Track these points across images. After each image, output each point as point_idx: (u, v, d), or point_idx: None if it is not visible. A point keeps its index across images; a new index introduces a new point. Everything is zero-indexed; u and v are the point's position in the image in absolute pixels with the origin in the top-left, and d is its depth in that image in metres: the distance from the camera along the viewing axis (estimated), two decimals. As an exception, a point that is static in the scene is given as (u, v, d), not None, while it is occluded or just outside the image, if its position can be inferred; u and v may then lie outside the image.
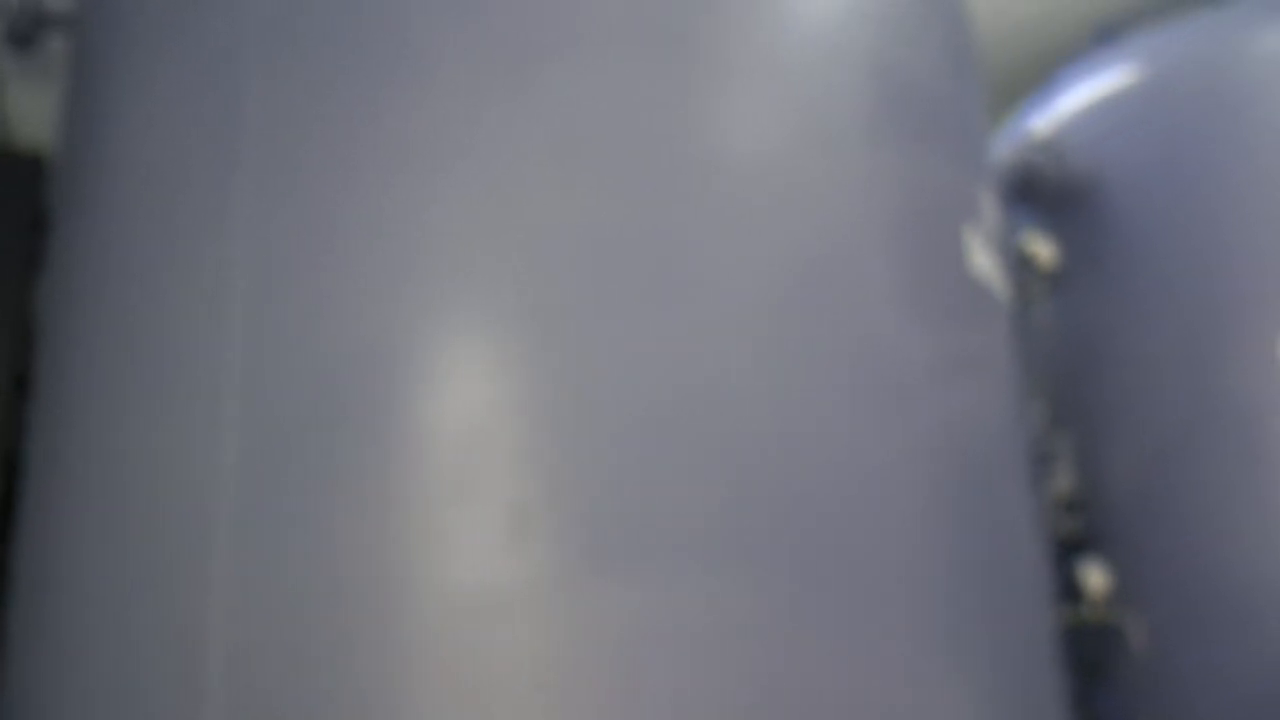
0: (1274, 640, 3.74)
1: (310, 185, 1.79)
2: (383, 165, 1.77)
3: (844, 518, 1.87)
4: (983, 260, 2.60)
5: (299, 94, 1.84)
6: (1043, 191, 4.47)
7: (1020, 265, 4.02)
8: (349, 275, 1.73)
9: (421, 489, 1.62)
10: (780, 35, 2.12)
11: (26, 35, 2.65)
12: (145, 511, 1.77)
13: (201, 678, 1.58)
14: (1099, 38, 5.10)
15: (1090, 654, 4.11)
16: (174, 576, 1.67)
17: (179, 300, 1.85)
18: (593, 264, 1.75)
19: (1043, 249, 3.98)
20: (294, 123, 1.83)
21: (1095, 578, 3.77)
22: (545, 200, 1.76)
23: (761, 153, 2.00)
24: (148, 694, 1.64)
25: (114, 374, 1.93)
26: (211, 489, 1.68)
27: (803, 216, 2.00)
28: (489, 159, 1.77)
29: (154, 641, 1.67)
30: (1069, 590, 3.82)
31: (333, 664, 1.57)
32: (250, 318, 1.74)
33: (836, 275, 2.03)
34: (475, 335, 1.71)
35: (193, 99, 1.96)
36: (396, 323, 1.70)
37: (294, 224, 1.78)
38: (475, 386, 1.67)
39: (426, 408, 1.66)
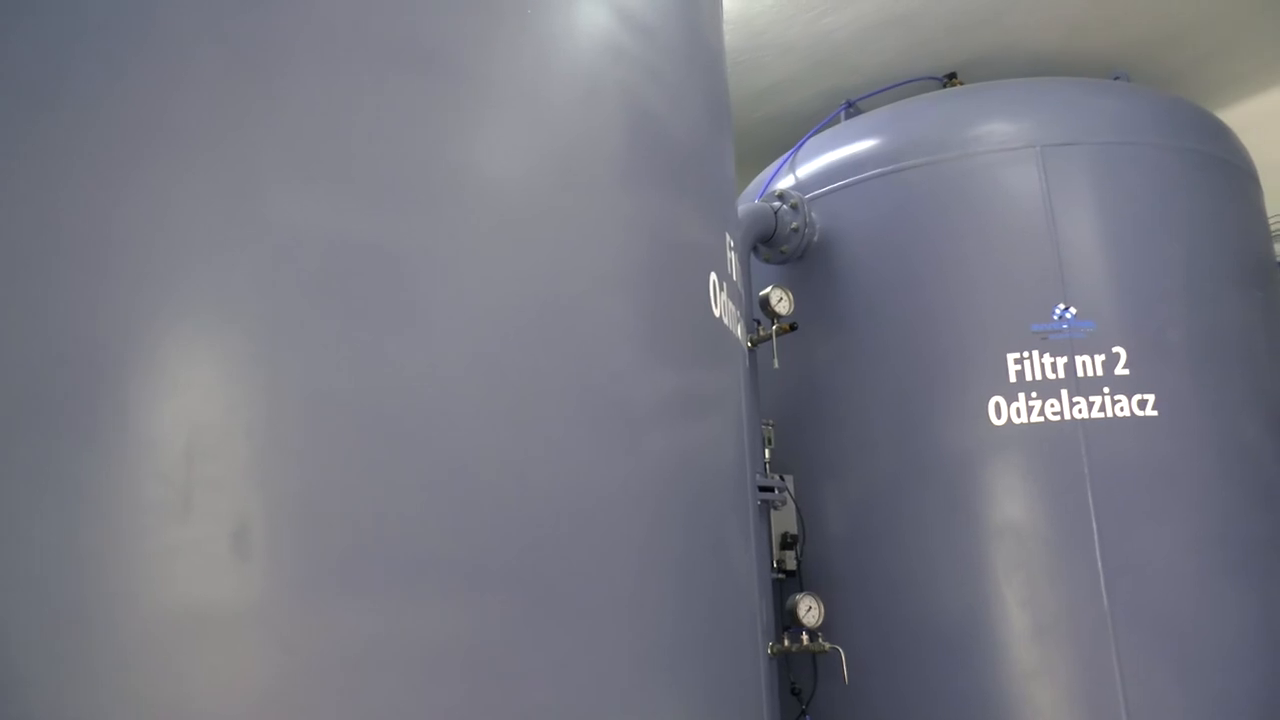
0: (960, 673, 4.04)
1: (34, 176, 1.66)
2: (117, 160, 1.64)
3: (572, 545, 1.90)
4: (724, 306, 2.70)
5: (27, 78, 1.71)
6: (784, 245, 4.70)
7: (759, 312, 4.19)
8: (72, 272, 1.60)
9: (140, 500, 1.52)
10: (543, 67, 2.12)
11: None
12: None
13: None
14: (846, 107, 5.42)
15: (801, 682, 4.33)
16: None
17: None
18: (331, 276, 1.69)
19: (780, 299, 4.16)
20: (18, 110, 1.69)
21: (808, 611, 3.95)
22: (288, 207, 1.69)
23: (514, 180, 1.98)
24: None
25: None
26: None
27: (550, 248, 2.02)
28: (233, 160, 1.68)
29: None
30: (786, 620, 4.00)
31: (41, 683, 1.48)
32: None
33: (579, 310, 2.05)
34: (204, 343, 1.62)
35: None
36: (121, 325, 1.58)
37: (12, 215, 1.65)
38: (201, 396, 1.58)
39: (148, 415, 1.56)
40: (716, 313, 2.63)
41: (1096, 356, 4.19)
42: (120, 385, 1.56)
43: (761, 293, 4.15)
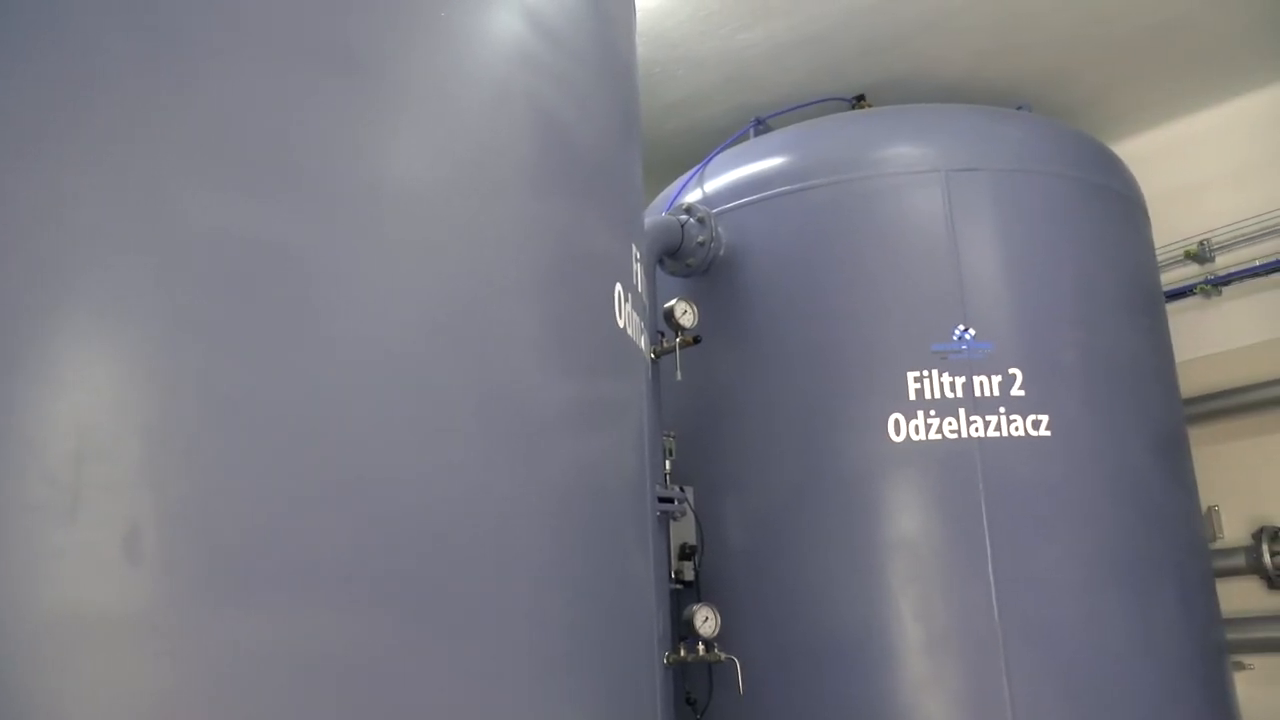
0: (854, 684, 4.09)
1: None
2: (10, 151, 1.59)
3: (469, 555, 1.89)
4: (628, 318, 2.70)
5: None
6: (690, 258, 4.73)
7: (663, 324, 4.20)
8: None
9: (26, 501, 1.47)
10: (454, 71, 2.12)
11: None
12: None
13: None
14: (755, 124, 5.47)
15: (697, 692, 4.35)
16: None
17: None
18: (233, 276, 1.66)
19: (685, 312, 4.18)
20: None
21: (705, 621, 3.96)
22: (191, 205, 1.65)
23: (423, 185, 1.98)
24: None
25: None
26: None
27: (457, 256, 2.01)
28: (137, 155, 1.64)
29: None
30: (682, 631, 4.01)
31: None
32: None
33: (483, 317, 2.04)
34: (99, 341, 1.57)
35: None
36: (8, 320, 1.52)
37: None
38: (93, 396, 1.54)
39: (35, 414, 1.51)
40: (621, 324, 2.64)
41: (994, 377, 4.28)
42: (5, 382, 1.51)
43: (666, 305, 4.17)
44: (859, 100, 5.65)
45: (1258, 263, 5.96)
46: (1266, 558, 5.62)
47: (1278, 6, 5.38)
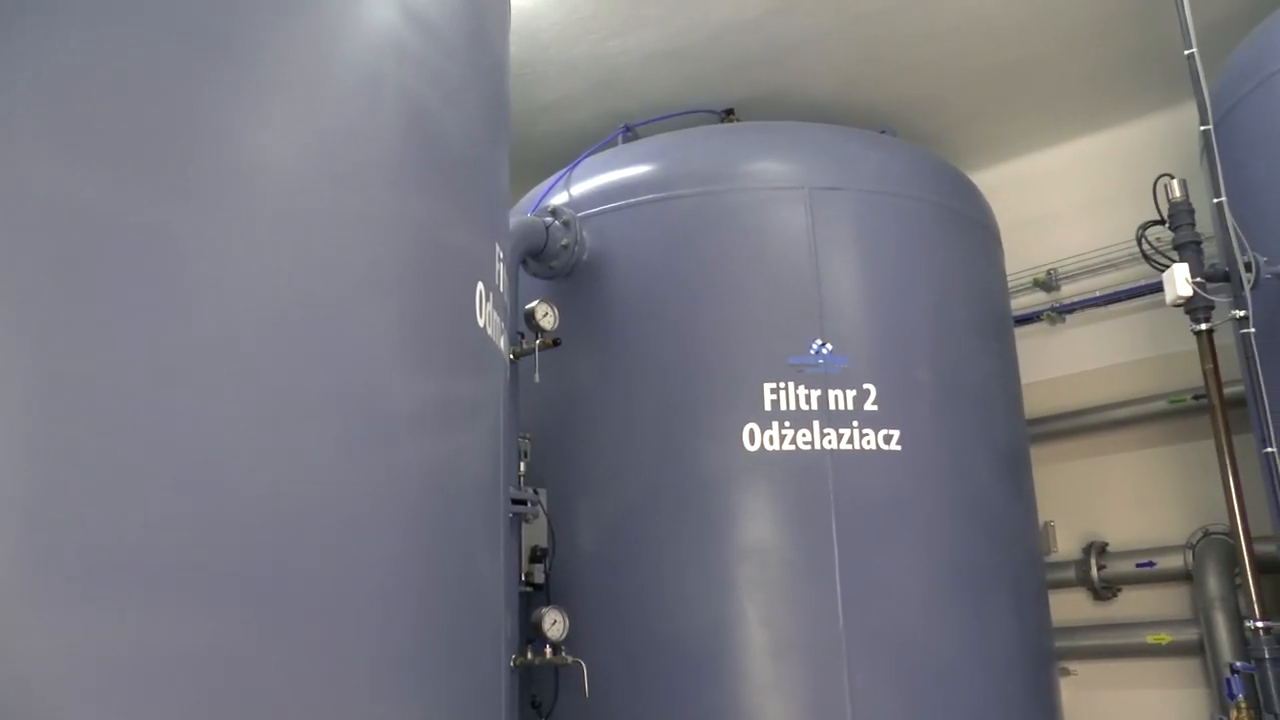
0: (700, 688, 4.13)
1: None
2: None
3: (320, 554, 1.86)
4: (489, 317, 2.68)
5: None
6: (553, 260, 4.72)
7: (524, 326, 4.19)
8: None
9: None
10: (324, 57, 2.07)
11: None
12: None
13: None
14: (625, 130, 5.49)
15: (543, 695, 4.33)
16: None
17: None
18: (77, 255, 1.58)
19: (546, 314, 4.17)
20: None
21: (553, 624, 3.96)
22: (39, 178, 1.57)
23: (286, 172, 1.93)
24: None
25: None
26: None
27: (315, 246, 1.96)
28: None
29: None
30: (530, 633, 4.00)
31: None
32: None
33: (342, 312, 2.00)
34: None
35: None
36: None
37: None
38: None
39: None
40: (481, 323, 2.62)
41: (848, 391, 4.38)
42: None
43: (528, 306, 4.16)
44: (728, 114, 5.73)
45: (1099, 293, 6.26)
46: (1094, 571, 5.96)
47: (1125, 54, 5.66)
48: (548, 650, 3.94)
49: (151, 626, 1.56)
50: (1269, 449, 4.09)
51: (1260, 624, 3.97)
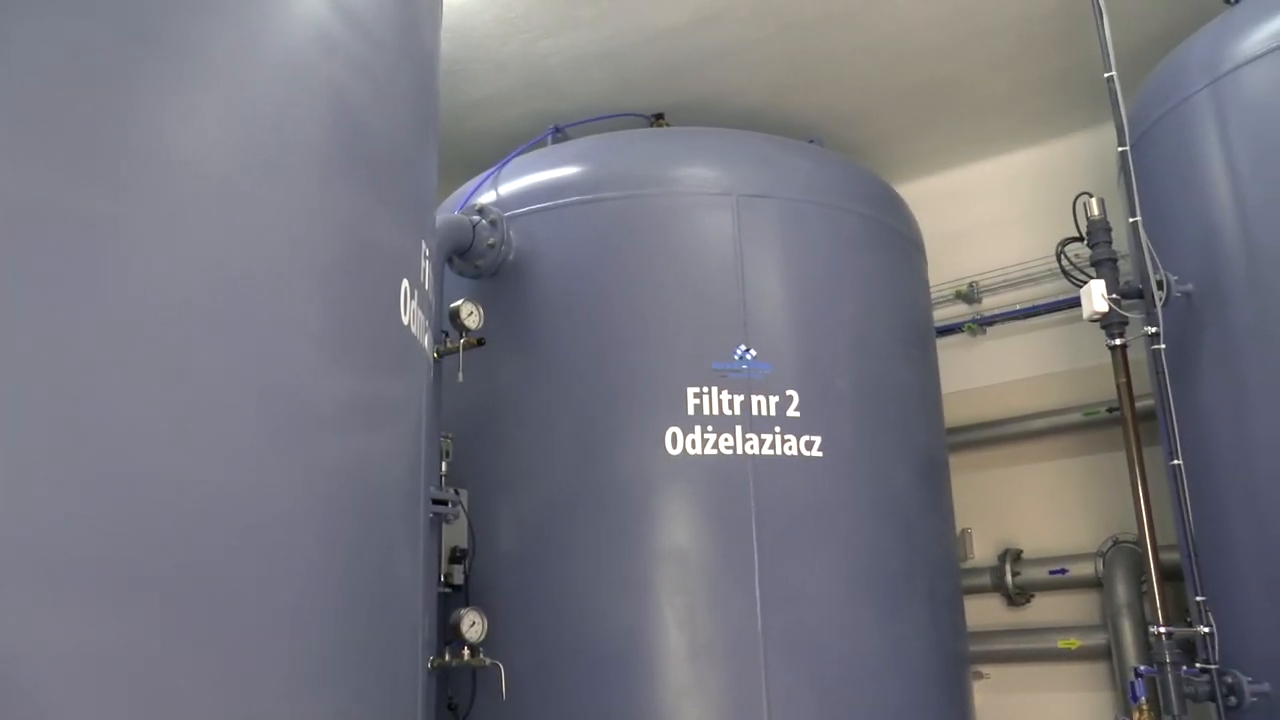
0: (617, 691, 4.13)
1: None
2: None
3: (236, 553, 1.82)
4: (413, 315, 2.66)
5: None
6: (479, 260, 4.70)
7: (448, 324, 4.16)
8: None
9: None
10: (250, 45, 2.03)
11: None
12: None
13: None
14: (554, 131, 5.48)
15: (460, 697, 4.31)
16: None
17: None
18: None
19: (471, 313, 4.15)
20: None
21: (471, 626, 3.94)
22: None
23: (208, 160, 1.88)
24: None
25: None
26: None
27: (236, 239, 1.92)
28: None
29: None
30: (448, 635, 3.97)
31: None
32: None
33: (262, 306, 1.96)
34: None
35: None
36: None
37: None
38: None
39: None
40: (405, 321, 2.60)
41: (771, 397, 4.42)
42: None
43: (452, 305, 4.13)
44: (657, 119, 5.75)
45: (1019, 306, 6.39)
46: (1008, 577, 6.12)
47: (1049, 74, 5.81)
48: (466, 652, 3.92)
49: (55, 625, 1.51)
50: (1176, 461, 4.21)
51: (1163, 629, 4.07)
